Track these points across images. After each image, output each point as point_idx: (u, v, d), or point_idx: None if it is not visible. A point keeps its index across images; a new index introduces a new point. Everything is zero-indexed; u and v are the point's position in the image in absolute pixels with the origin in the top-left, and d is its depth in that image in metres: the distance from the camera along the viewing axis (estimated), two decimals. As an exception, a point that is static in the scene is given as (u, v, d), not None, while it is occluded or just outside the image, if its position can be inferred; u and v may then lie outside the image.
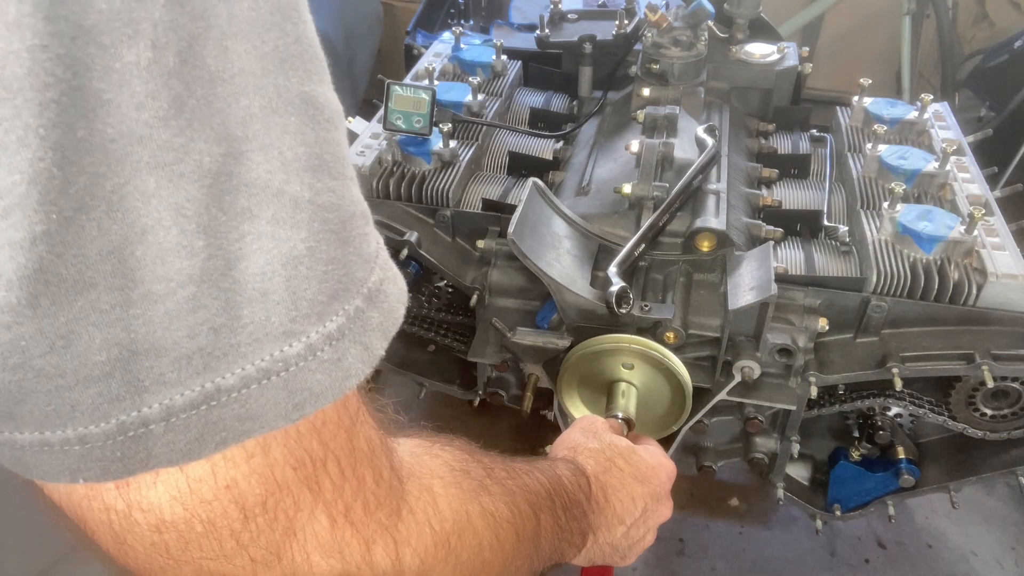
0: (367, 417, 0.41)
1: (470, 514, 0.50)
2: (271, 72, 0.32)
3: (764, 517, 1.70)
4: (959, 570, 1.60)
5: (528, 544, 0.58)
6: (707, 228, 1.12)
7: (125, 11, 0.28)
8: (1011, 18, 2.42)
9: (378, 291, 0.37)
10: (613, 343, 1.02)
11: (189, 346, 0.31)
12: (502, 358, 1.19)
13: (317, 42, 0.35)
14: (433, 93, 1.24)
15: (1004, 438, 1.17)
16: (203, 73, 0.30)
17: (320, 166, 0.34)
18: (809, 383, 1.09)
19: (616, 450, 0.79)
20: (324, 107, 0.34)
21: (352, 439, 0.39)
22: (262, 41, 0.32)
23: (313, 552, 0.38)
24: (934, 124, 1.38)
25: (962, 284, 1.07)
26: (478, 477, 0.53)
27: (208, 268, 0.31)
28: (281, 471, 0.36)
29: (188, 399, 0.32)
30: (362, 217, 0.37)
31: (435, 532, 0.45)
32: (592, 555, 0.76)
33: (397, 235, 1.16)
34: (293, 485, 0.36)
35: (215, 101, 0.30)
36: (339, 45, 2.04)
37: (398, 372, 1.37)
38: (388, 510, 0.42)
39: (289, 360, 0.33)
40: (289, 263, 0.32)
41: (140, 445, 0.32)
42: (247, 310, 0.32)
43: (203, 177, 0.30)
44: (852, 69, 1.91)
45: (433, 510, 0.46)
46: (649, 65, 1.42)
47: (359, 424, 0.40)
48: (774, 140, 1.47)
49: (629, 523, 0.76)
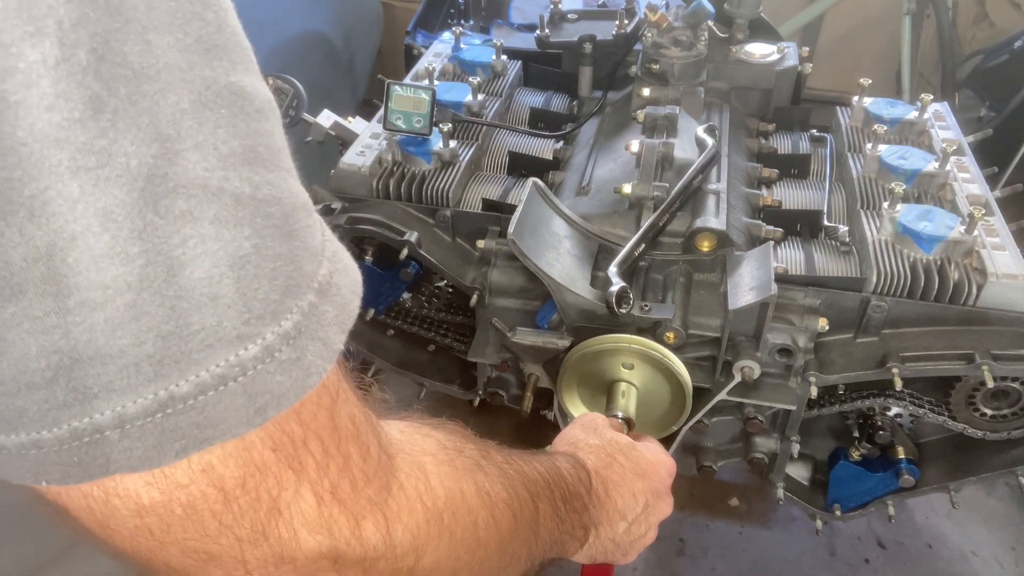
0: (349, 395, 0.40)
1: (464, 492, 0.49)
2: (197, 64, 0.31)
3: (764, 517, 1.70)
4: (959, 570, 1.60)
5: (526, 528, 0.58)
6: (707, 228, 1.12)
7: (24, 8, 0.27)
8: (1011, 18, 2.42)
9: (329, 284, 0.36)
10: (613, 343, 1.02)
11: (136, 353, 0.31)
12: (502, 358, 1.19)
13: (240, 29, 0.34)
14: (433, 93, 1.24)
15: (1004, 438, 1.17)
16: (125, 70, 0.29)
17: (256, 159, 0.33)
18: (809, 383, 1.09)
19: (617, 446, 0.79)
20: (253, 97, 0.33)
21: (334, 418, 0.39)
22: (185, 33, 0.30)
23: (300, 529, 0.38)
24: (934, 124, 1.38)
25: (962, 284, 1.07)
26: (473, 457, 0.53)
27: (147, 274, 0.30)
28: (259, 453, 0.35)
29: (141, 407, 0.31)
30: (303, 209, 0.36)
31: (427, 508, 0.45)
32: (594, 551, 0.76)
33: (397, 235, 1.16)
34: (273, 466, 0.36)
35: (142, 99, 0.29)
36: (339, 45, 2.04)
37: (398, 372, 1.38)
38: (377, 486, 0.42)
39: (246, 364, 0.32)
40: (237, 264, 0.32)
41: (97, 451, 0.31)
42: (196, 316, 0.31)
43: (132, 180, 0.29)
44: (852, 69, 1.91)
45: (425, 486, 0.46)
46: (649, 65, 1.42)
47: (340, 402, 0.39)
48: (774, 140, 1.47)
49: (631, 519, 0.76)
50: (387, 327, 1.37)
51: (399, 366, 1.37)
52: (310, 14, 1.95)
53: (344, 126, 1.33)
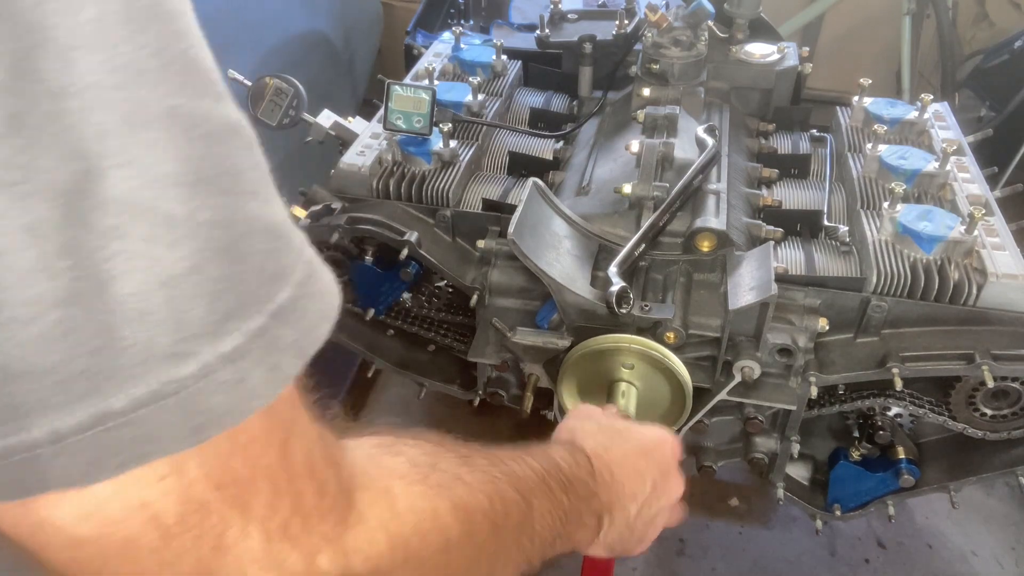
0: (305, 428, 0.40)
1: (437, 511, 0.48)
2: (127, 85, 0.31)
3: (764, 517, 1.70)
4: (959, 570, 1.60)
5: (512, 533, 0.57)
6: (707, 228, 1.12)
7: None
8: (1011, 18, 2.42)
9: (290, 309, 0.35)
10: (613, 343, 1.02)
11: (69, 369, 0.30)
12: (502, 358, 1.19)
13: (202, 55, 0.34)
14: (433, 93, 1.24)
15: (1004, 438, 1.17)
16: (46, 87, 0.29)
17: (199, 182, 0.32)
18: (809, 383, 1.09)
19: (614, 429, 0.78)
20: (204, 121, 0.33)
21: (286, 455, 0.38)
22: (115, 53, 0.30)
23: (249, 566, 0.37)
24: (934, 124, 1.38)
25: (962, 284, 1.07)
26: (450, 469, 0.52)
27: (76, 289, 0.30)
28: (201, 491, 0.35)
29: (76, 422, 0.31)
30: (267, 232, 0.35)
31: (391, 536, 0.44)
32: (611, 539, 0.74)
33: (397, 235, 1.16)
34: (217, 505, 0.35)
35: (64, 116, 0.29)
36: (339, 45, 2.04)
37: (398, 372, 1.38)
38: (333, 521, 0.41)
39: (183, 381, 0.32)
40: (168, 283, 0.31)
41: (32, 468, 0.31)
42: (127, 330, 0.31)
43: (56, 196, 0.29)
44: (852, 69, 1.91)
45: (390, 514, 0.45)
46: (649, 65, 1.42)
47: (295, 436, 0.39)
48: (774, 140, 1.47)
49: (641, 500, 0.74)
50: (387, 327, 1.37)
51: (399, 366, 1.38)
52: (310, 14, 1.95)
53: (344, 126, 1.33)
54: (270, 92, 1.26)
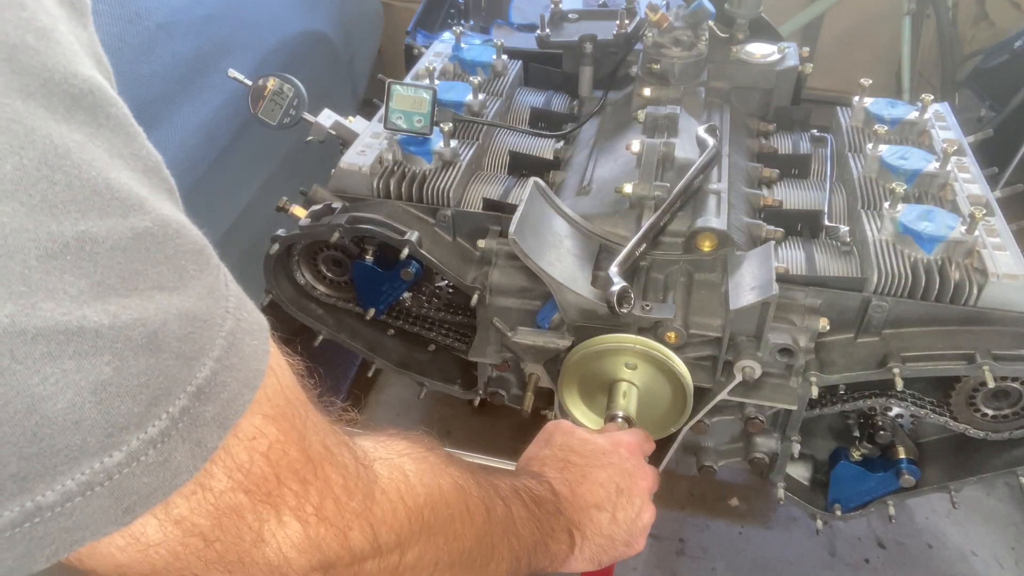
0: (317, 422, 0.44)
1: (442, 487, 0.53)
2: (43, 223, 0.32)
3: (764, 517, 1.70)
4: (959, 570, 1.60)
5: (501, 523, 0.61)
6: (708, 228, 1.12)
7: None
8: (1011, 18, 2.42)
9: (211, 384, 0.37)
10: (614, 343, 1.02)
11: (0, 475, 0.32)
12: (503, 358, 1.19)
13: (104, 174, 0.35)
14: (434, 92, 1.23)
15: (1005, 438, 1.17)
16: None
17: (109, 291, 0.34)
18: (810, 383, 1.09)
19: (568, 448, 0.81)
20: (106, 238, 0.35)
21: (306, 449, 0.42)
22: (29, 196, 0.32)
23: (289, 551, 0.41)
24: (934, 124, 1.38)
25: (963, 284, 1.07)
26: (442, 458, 0.57)
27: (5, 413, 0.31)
28: (231, 498, 0.38)
29: (8, 519, 0.33)
30: (182, 319, 0.37)
31: (408, 507, 0.49)
32: (592, 553, 0.76)
33: (398, 235, 1.16)
34: (250, 506, 0.39)
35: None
36: (339, 45, 2.04)
37: (398, 372, 1.37)
38: (360, 496, 0.45)
39: (111, 470, 0.34)
40: (98, 389, 0.33)
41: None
42: (61, 439, 0.33)
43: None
44: (852, 69, 1.91)
45: (406, 486, 0.50)
46: (650, 65, 1.42)
47: (310, 432, 0.42)
48: (774, 140, 1.47)
49: (610, 508, 0.77)
50: (387, 327, 1.37)
51: (399, 366, 1.37)
52: (310, 14, 1.94)
53: (345, 126, 1.33)
54: (270, 92, 1.26)
